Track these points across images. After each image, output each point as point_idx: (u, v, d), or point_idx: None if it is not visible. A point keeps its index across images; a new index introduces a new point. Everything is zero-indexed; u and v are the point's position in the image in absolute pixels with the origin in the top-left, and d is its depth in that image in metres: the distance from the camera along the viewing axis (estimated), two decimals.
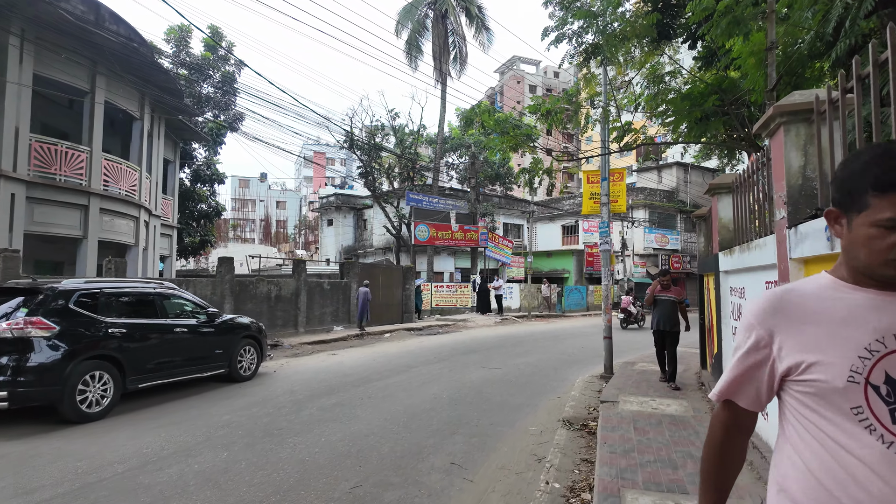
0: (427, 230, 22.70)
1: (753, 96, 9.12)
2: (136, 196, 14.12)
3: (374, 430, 5.80)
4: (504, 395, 7.69)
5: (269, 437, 5.55)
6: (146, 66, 13.45)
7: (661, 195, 34.89)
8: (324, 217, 35.13)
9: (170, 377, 7.21)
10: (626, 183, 9.74)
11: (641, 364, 9.31)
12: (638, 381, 7.57)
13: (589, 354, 11.87)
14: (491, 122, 8.70)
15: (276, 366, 10.19)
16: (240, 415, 6.44)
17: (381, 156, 25.08)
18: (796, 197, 3.03)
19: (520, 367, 10.22)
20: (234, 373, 8.37)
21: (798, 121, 3.02)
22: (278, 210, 71.06)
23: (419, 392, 7.79)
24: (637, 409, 5.91)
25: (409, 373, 9.35)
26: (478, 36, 24.80)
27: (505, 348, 12.89)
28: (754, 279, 4.08)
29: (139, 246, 14.28)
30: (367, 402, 7.08)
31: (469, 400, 7.35)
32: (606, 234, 9.30)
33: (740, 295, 4.68)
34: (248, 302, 12.74)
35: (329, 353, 11.97)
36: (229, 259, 12.59)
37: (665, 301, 7.45)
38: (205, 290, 11.76)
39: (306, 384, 8.30)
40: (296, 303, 14.04)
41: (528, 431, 5.98)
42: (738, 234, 4.98)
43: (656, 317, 7.50)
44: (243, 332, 8.66)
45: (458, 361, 10.70)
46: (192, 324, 7.73)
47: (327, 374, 9.13)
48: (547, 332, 17.23)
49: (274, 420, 6.20)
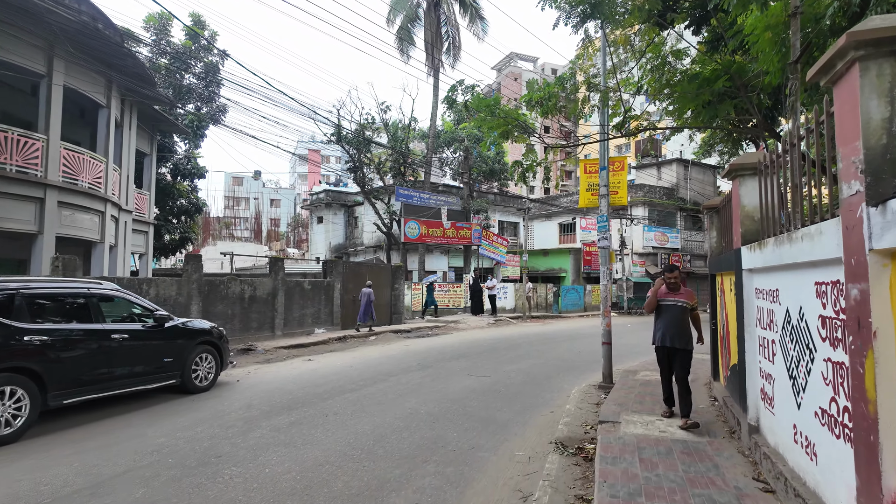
0: (417, 227, 21.77)
1: (767, 78, 8.25)
2: (102, 189, 13.16)
3: (332, 458, 4.89)
4: (490, 410, 6.80)
5: (204, 466, 4.64)
6: (112, 49, 12.50)
7: (660, 192, 34.05)
8: (314, 214, 34.15)
9: (105, 391, 6.28)
10: (626, 173, 8.84)
11: (644, 373, 8.42)
12: (641, 395, 6.68)
13: (586, 360, 10.99)
14: (475, 102, 7.78)
15: (242, 374, 9.27)
16: (179, 436, 5.52)
17: (372, 150, 24.12)
18: (878, 163, 2.14)
19: (510, 374, 9.33)
20: (187, 383, 7.45)
21: (882, 55, 2.12)
22: (272, 208, 70.03)
23: (394, 406, 6.88)
24: (642, 431, 5.02)
25: (386, 382, 8.45)
26: (472, 26, 23.87)
27: (496, 353, 12.00)
28: (798, 279, 3.18)
29: (105, 243, 13.32)
30: (331, 420, 6.17)
31: (450, 416, 6.45)
32: (605, 228, 8.40)
33: (773, 299, 3.78)
34: (218, 303, 11.80)
35: (305, 358, 11.05)
36: (197, 256, 11.65)
37: (673, 307, 5.52)
38: (169, 290, 10.82)
39: (268, 396, 7.38)
40: (272, 304, 13.10)
41: (514, 457, 5.08)
42: (766, 224, 4.08)
43: (661, 328, 5.59)
44: (200, 338, 7.74)
45: (443, 368, 9.80)
46: (135, 329, 6.80)
47: (295, 385, 8.21)
48: (542, 335, 16.34)
49: (216, 444, 5.28)
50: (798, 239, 3.04)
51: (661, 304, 5.62)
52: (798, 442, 3.24)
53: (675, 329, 5.47)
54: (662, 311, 5.61)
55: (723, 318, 6.21)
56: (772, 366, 3.91)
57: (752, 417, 4.32)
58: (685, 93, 8.80)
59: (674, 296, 5.61)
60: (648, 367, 9.16)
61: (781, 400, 3.64)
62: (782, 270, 3.50)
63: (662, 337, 5.56)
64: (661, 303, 5.63)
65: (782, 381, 3.60)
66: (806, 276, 3.05)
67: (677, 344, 5.46)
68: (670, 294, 5.64)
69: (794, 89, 6.06)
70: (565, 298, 28.14)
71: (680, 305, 5.54)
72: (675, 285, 5.65)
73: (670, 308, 5.56)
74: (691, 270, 34.39)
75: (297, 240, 55.63)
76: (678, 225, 34.39)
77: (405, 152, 23.71)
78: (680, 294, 5.61)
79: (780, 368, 3.64)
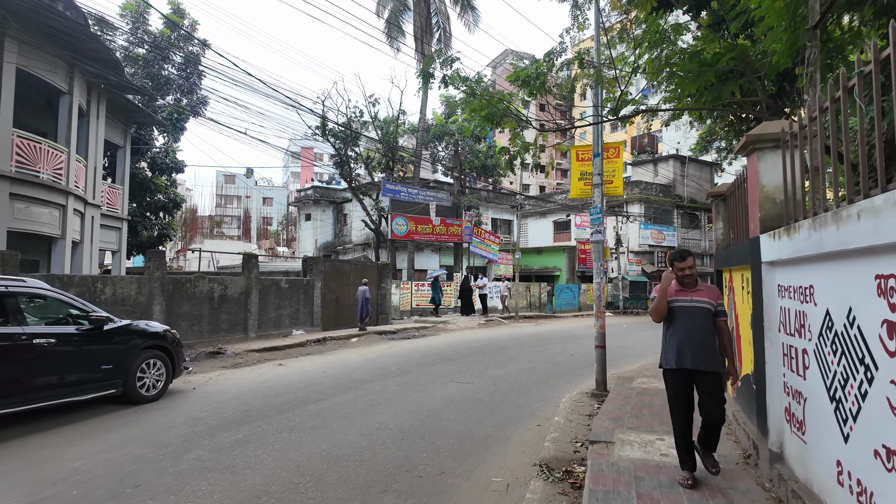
0: (405, 224, 20.97)
1: (775, 58, 7.52)
2: (64, 181, 12.30)
3: (273, 487, 4.11)
4: (469, 423, 6.03)
5: (114, 500, 3.85)
6: (72, 31, 11.64)
7: (657, 189, 33.38)
8: (301, 212, 33.26)
9: (23, 404, 5.47)
10: (622, 160, 8.08)
11: (641, 379, 7.67)
12: (638, 407, 5.92)
13: (579, 363, 10.24)
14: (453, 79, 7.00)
15: (202, 380, 8.47)
16: (100, 459, 4.72)
17: (360, 144, 23.28)
18: None
19: (496, 380, 8.57)
20: (131, 393, 6.64)
21: None
22: (265, 206, 69.00)
23: (361, 419, 6.10)
24: (640, 455, 4.25)
25: (359, 390, 7.66)
26: (463, 15, 23.06)
27: (484, 356, 11.23)
28: (846, 272, 2.42)
29: (67, 238, 12.46)
30: (284, 438, 5.38)
31: (422, 431, 5.68)
32: (599, 221, 7.64)
33: (804, 298, 3.02)
34: (184, 303, 10.97)
35: (276, 363, 10.25)
36: (160, 253, 10.83)
37: (691, 311, 3.80)
38: (128, 289, 9.99)
39: (221, 408, 6.58)
40: (245, 304, 12.28)
41: (491, 484, 4.31)
42: (792, 207, 3.33)
43: (674, 343, 3.82)
44: (147, 342, 6.94)
45: (423, 374, 9.03)
46: (65, 333, 5.99)
47: (256, 394, 7.41)
48: (534, 336, 15.58)
49: (140, 468, 4.49)
50: (851, 217, 2.28)
51: (674, 308, 3.88)
52: (844, 485, 2.49)
53: (698, 343, 3.70)
54: (675, 319, 3.87)
55: (732, 319, 5.45)
56: (802, 382, 3.15)
57: (773, 442, 3.57)
58: (686, 72, 8.07)
59: (690, 294, 3.86)
60: (645, 372, 8.42)
61: (818, 426, 2.88)
62: (820, 262, 2.75)
63: (679, 355, 3.76)
64: (672, 305, 3.88)
65: (819, 402, 2.84)
66: (860, 268, 2.29)
67: (702, 364, 3.66)
68: (685, 292, 3.88)
69: (812, 59, 5.32)
70: (559, 298, 27.42)
71: (700, 307, 3.79)
72: (690, 280, 3.88)
73: (687, 312, 3.81)
74: None
75: (289, 238, 54.69)
76: (675, 223, 33.73)
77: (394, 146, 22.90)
78: (699, 291, 3.85)
79: (816, 386, 2.88)
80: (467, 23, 23.32)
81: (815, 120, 3.23)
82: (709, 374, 3.68)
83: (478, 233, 23.46)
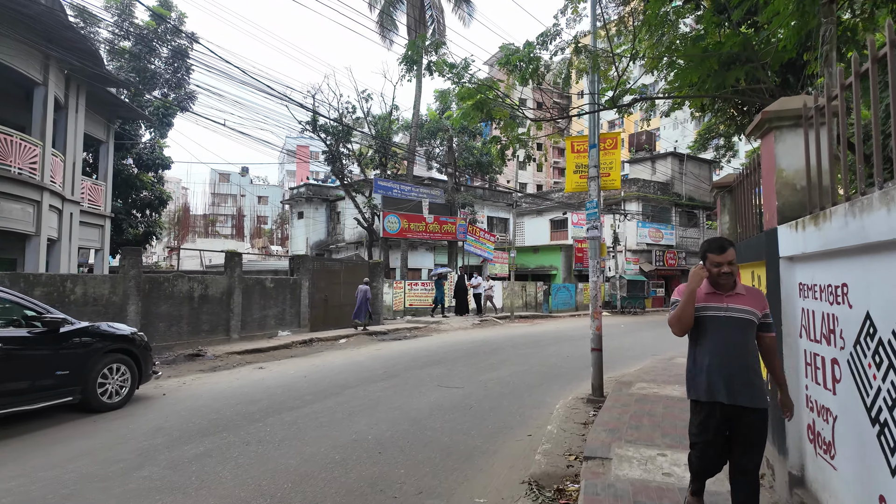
0: (398, 221, 20.48)
1: (782, 43, 7.07)
2: (38, 176, 11.79)
3: None
4: (454, 434, 5.56)
5: None
6: (45, 19, 11.13)
7: (654, 187, 32.97)
8: (294, 210, 32.70)
9: None
10: (620, 152, 7.63)
11: (640, 384, 7.21)
12: (637, 416, 5.46)
13: (575, 365, 9.79)
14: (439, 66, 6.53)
15: (174, 385, 7.98)
16: (39, 477, 4.24)
17: (352, 141, 22.76)
18: None
19: (488, 385, 8.11)
20: (91, 401, 6.16)
21: None
22: (260, 205, 68.40)
23: (338, 429, 5.63)
24: (640, 475, 3.79)
25: (340, 396, 7.19)
26: (457, 9, 22.58)
27: (476, 357, 10.76)
28: (891, 266, 1.96)
29: (42, 235, 11.95)
30: (251, 451, 4.91)
31: (403, 443, 5.21)
32: (595, 216, 7.18)
33: (835, 298, 2.57)
34: (161, 303, 10.47)
35: (256, 366, 9.77)
36: (135, 250, 10.32)
37: (728, 323, 2.79)
38: (100, 288, 9.49)
39: (188, 417, 6.10)
40: (228, 304, 11.78)
41: None
42: (815, 193, 2.87)
43: (704, 365, 2.84)
44: (110, 346, 6.45)
45: (411, 378, 8.56)
46: (13, 336, 5.50)
47: (229, 400, 6.94)
48: (529, 337, 15.12)
49: (82, 489, 4.01)
50: None
51: (704, 319, 2.82)
52: None
53: (737, 367, 2.71)
54: (706, 332, 2.83)
55: None
56: (830, 397, 2.70)
57: (793, 465, 3.12)
58: (688, 60, 7.62)
59: (726, 300, 2.78)
60: (644, 376, 7.97)
61: (854, 452, 2.42)
62: (859, 255, 2.29)
63: (710, 384, 2.76)
64: (702, 315, 2.82)
65: (855, 423, 2.39)
66: None
67: (743, 398, 2.68)
68: (719, 297, 2.80)
69: (828, 36, 4.87)
70: (556, 297, 26.96)
71: (740, 318, 2.75)
72: (728, 280, 2.78)
73: (722, 325, 2.77)
74: (686, 268, 33.36)
75: (283, 236, 54.13)
76: (673, 221, 33.34)
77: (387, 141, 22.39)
78: (738, 297, 2.78)
79: (851, 403, 2.42)
80: (462, 16, 22.85)
81: (837, 98, 2.80)
82: (749, 412, 2.68)
83: (472, 231, 22.98)
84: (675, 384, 7.28)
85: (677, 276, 33.46)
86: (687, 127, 46.20)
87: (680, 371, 8.56)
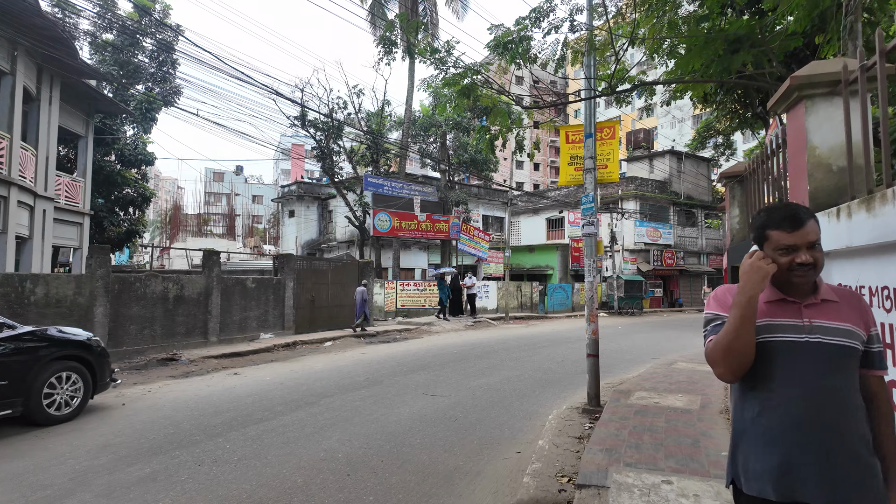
0: (388, 219, 19.91)
1: (792, 26, 6.55)
2: (5, 170, 11.17)
3: None
4: (435, 451, 5.01)
5: None
6: (12, 5, 10.52)
7: (652, 185, 32.49)
8: (285, 208, 32.07)
9: None
10: (618, 142, 7.08)
11: (639, 394, 6.67)
12: (638, 432, 4.91)
13: (570, 370, 9.26)
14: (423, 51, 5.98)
15: (138, 393, 7.40)
16: None
17: (343, 137, 22.16)
18: None
19: (476, 392, 7.56)
20: (36, 414, 5.58)
21: None
22: (254, 204, 67.60)
23: (305, 447, 5.07)
24: None
25: (314, 407, 6.62)
26: (451, 2, 22.01)
27: (466, 362, 10.21)
28: None
29: (10, 233, 11.33)
30: (202, 473, 4.34)
31: (376, 463, 4.65)
32: (591, 210, 6.63)
33: (892, 304, 2.01)
34: (133, 305, 9.88)
35: (231, 371, 9.19)
36: (104, 248, 9.72)
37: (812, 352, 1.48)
38: (64, 289, 8.89)
39: (142, 431, 5.53)
40: (205, 305, 11.19)
41: None
42: (858, 175, 2.32)
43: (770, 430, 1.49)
44: (58, 352, 5.87)
45: (395, 385, 8.00)
46: None
47: (192, 412, 6.36)
48: (523, 339, 14.58)
49: None
50: None
51: (771, 346, 1.52)
52: None
53: (837, 437, 1.44)
54: (772, 370, 1.53)
55: None
56: None
57: None
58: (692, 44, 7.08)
59: (808, 312, 1.53)
60: (644, 384, 7.42)
61: None
62: None
63: (783, 467, 1.46)
64: (766, 340, 1.52)
65: None
66: None
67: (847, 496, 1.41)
68: (794, 308, 1.55)
69: (853, 5, 4.34)
70: (552, 298, 26.44)
71: (837, 345, 1.48)
72: (804, 277, 1.51)
73: (802, 356, 1.50)
74: (685, 268, 32.91)
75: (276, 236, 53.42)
76: (671, 220, 32.87)
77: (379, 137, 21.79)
78: (827, 306, 1.54)
79: None
80: (455, 10, 22.30)
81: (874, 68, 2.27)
82: None
83: (466, 229, 22.42)
84: (678, 393, 6.74)
85: (676, 277, 33.01)
86: (685, 126, 45.74)
87: (683, 378, 8.00)
